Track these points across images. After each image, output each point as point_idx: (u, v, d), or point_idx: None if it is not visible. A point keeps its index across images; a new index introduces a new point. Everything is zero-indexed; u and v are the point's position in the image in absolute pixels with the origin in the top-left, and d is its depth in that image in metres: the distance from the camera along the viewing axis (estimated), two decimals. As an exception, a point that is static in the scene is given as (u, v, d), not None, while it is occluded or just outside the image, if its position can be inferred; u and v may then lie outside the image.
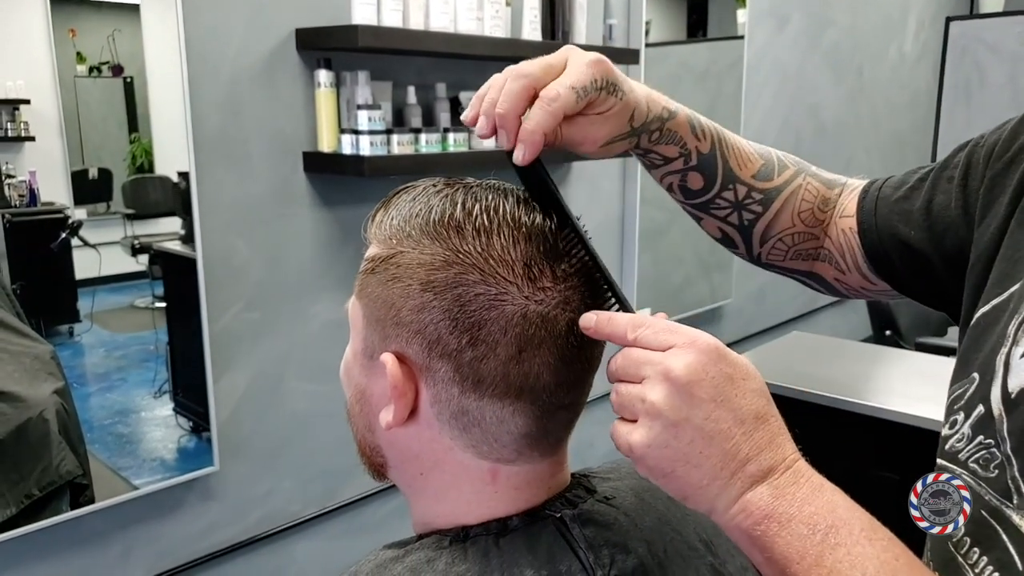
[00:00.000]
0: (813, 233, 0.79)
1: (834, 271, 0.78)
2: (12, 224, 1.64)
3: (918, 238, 0.69)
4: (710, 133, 0.77)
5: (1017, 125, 0.65)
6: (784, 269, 0.83)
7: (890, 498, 0.60)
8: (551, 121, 0.58)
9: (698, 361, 0.49)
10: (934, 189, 0.70)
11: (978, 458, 0.55)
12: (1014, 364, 0.54)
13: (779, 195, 0.78)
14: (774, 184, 0.78)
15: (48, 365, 1.72)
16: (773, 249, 0.80)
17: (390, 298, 0.56)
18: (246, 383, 2.04)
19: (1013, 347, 0.54)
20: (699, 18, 3.46)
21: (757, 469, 0.50)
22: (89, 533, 1.82)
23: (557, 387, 0.56)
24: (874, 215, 0.73)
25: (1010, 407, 0.53)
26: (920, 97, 5.29)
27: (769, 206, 0.78)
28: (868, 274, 0.75)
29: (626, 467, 0.69)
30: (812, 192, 0.79)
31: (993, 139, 0.66)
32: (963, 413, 0.58)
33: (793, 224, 0.79)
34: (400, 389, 0.55)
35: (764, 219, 0.79)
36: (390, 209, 0.60)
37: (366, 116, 1.95)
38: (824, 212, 0.79)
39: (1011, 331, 0.55)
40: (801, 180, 0.79)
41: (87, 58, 1.74)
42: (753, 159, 0.78)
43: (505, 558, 0.55)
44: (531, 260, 0.54)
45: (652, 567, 0.59)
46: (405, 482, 0.62)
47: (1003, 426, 0.54)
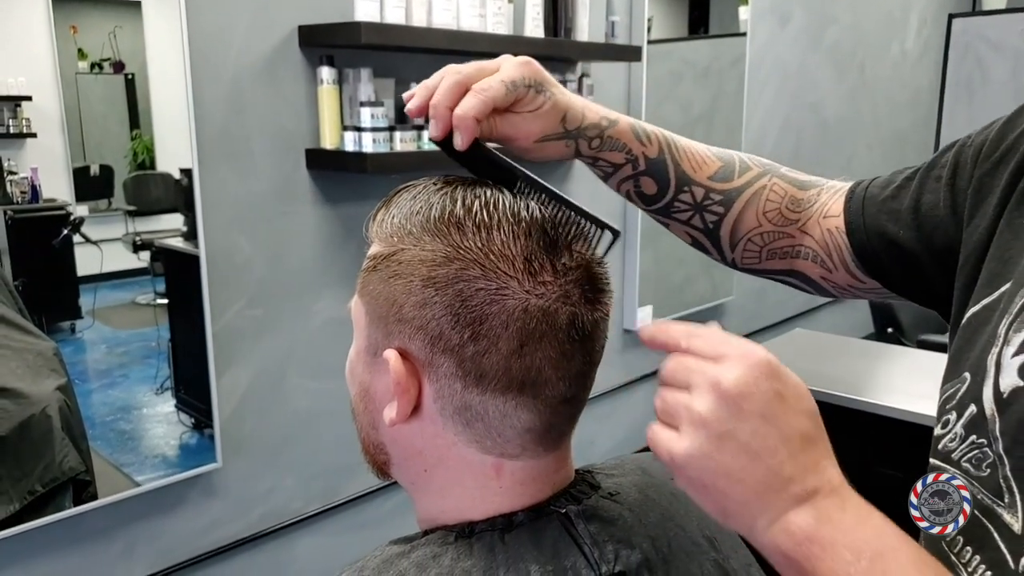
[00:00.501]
0: (785, 232, 0.79)
1: (820, 269, 0.78)
2: (14, 221, 1.65)
3: (907, 237, 0.70)
4: (657, 138, 0.78)
5: (1004, 126, 0.65)
6: (763, 271, 0.83)
7: (892, 496, 0.60)
8: (481, 107, 0.63)
9: (749, 374, 0.48)
10: (922, 188, 0.70)
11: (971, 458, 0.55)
12: (1005, 364, 0.54)
13: (740, 195, 0.79)
14: (734, 185, 0.79)
15: (51, 361, 1.73)
16: (745, 251, 0.81)
17: (392, 295, 0.56)
18: (249, 380, 2.04)
19: (1004, 347, 0.54)
20: (701, 15, 3.46)
21: (801, 490, 0.48)
22: (92, 530, 1.83)
23: (559, 381, 0.56)
24: (862, 215, 0.74)
25: (1002, 407, 0.54)
26: (922, 94, 5.29)
27: (731, 206, 0.79)
28: (856, 272, 0.75)
29: (629, 463, 0.69)
30: (778, 192, 0.79)
31: (980, 139, 0.67)
32: (955, 413, 0.58)
33: (759, 224, 0.79)
34: (403, 385, 0.56)
35: (728, 220, 0.79)
36: (391, 208, 0.60)
37: (369, 113, 1.95)
38: (795, 212, 0.79)
39: (1002, 331, 0.55)
40: (766, 180, 0.80)
41: (88, 55, 1.75)
42: (710, 161, 0.80)
43: (510, 553, 0.56)
44: (531, 255, 0.54)
45: (656, 563, 0.59)
46: (409, 479, 0.62)
47: (995, 426, 0.54)
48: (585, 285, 0.56)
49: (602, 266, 0.58)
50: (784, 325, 4.17)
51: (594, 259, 0.58)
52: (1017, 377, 0.53)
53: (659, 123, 2.82)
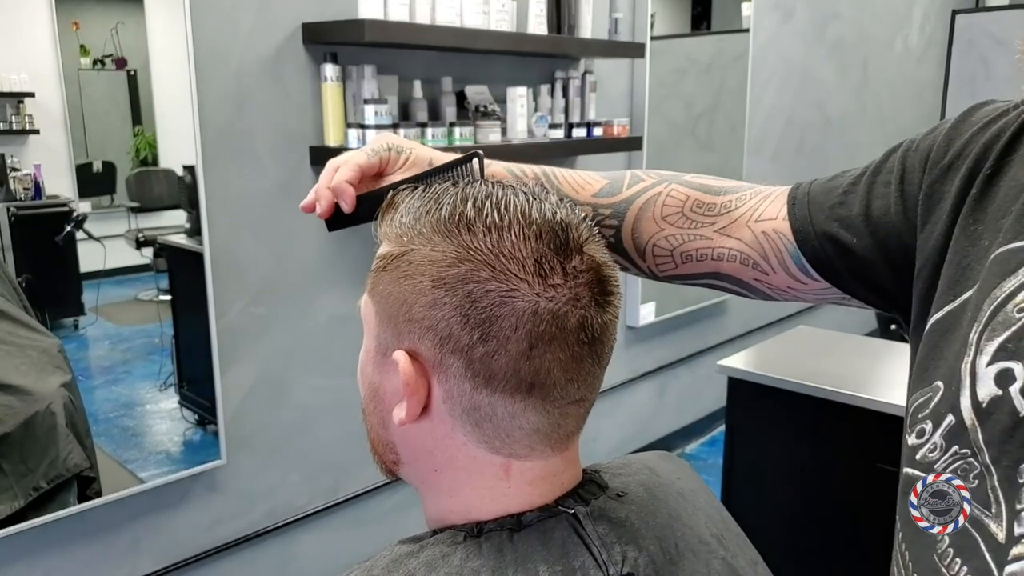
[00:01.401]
0: (696, 234, 0.78)
1: (752, 271, 0.77)
2: (17, 217, 1.65)
3: (861, 245, 0.69)
4: (534, 172, 0.82)
5: (950, 131, 0.65)
6: (685, 276, 0.81)
7: (894, 492, 0.60)
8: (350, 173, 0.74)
9: None
10: (871, 194, 0.70)
11: (956, 468, 0.55)
12: (980, 373, 0.54)
13: (631, 205, 0.80)
14: (622, 197, 0.80)
15: (55, 358, 1.73)
16: (656, 258, 0.80)
17: (402, 295, 0.56)
18: (253, 377, 2.05)
19: (978, 356, 0.54)
20: (703, 11, 3.45)
21: None
22: (97, 526, 1.84)
23: (568, 383, 0.56)
24: (810, 222, 0.73)
25: (983, 417, 0.53)
26: (925, 90, 5.28)
27: (623, 217, 0.80)
28: (797, 275, 0.74)
29: (637, 463, 0.69)
30: (677, 197, 0.79)
31: (927, 144, 0.67)
32: (931, 423, 0.58)
33: (660, 228, 0.79)
34: (412, 386, 0.56)
35: (624, 230, 0.80)
36: (400, 207, 0.60)
37: (372, 110, 1.96)
38: (704, 215, 0.78)
39: (973, 340, 0.55)
40: (661, 187, 0.80)
41: (91, 51, 1.74)
42: (594, 182, 0.82)
43: (519, 553, 0.56)
44: (542, 257, 0.54)
45: (663, 563, 0.60)
46: (419, 478, 0.62)
47: (978, 436, 0.54)
48: (595, 288, 0.56)
49: (612, 269, 0.58)
50: (787, 321, 4.17)
51: (604, 262, 0.58)
52: (994, 386, 0.53)
53: (662, 120, 2.82)
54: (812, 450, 2.16)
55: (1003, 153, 0.60)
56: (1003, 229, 0.57)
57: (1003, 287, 0.55)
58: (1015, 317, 0.53)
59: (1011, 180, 0.59)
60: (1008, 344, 0.53)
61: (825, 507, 2.16)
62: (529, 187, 0.60)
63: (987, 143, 0.62)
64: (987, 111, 0.65)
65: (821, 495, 2.16)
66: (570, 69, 2.67)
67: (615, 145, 2.75)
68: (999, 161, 0.60)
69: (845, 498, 2.10)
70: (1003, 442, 0.52)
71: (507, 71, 2.50)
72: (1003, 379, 0.53)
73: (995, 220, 0.58)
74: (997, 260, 0.56)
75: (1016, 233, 0.56)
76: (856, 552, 2.08)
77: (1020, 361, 0.52)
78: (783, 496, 2.24)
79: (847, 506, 2.10)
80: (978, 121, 0.64)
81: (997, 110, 0.64)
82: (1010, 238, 0.56)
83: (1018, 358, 0.52)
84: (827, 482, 2.14)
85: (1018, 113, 0.62)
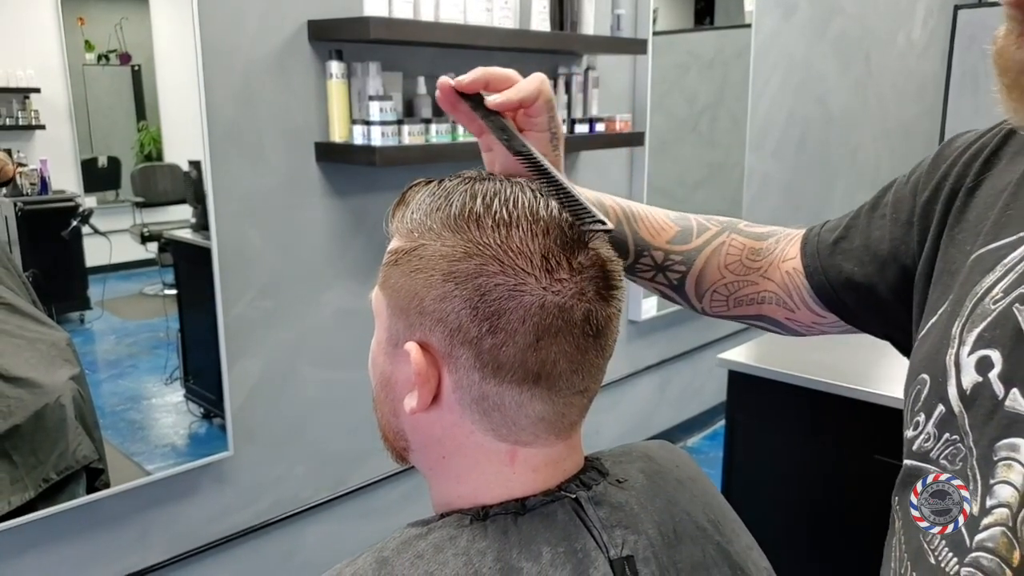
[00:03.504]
0: (748, 280, 0.85)
1: (783, 311, 0.84)
2: (24, 212, 1.66)
3: (862, 273, 0.75)
4: (615, 211, 0.86)
5: (935, 158, 0.72)
6: (733, 317, 0.88)
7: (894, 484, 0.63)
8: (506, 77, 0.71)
9: None
10: (869, 227, 0.76)
11: (946, 454, 0.58)
12: (963, 363, 0.57)
13: (700, 254, 0.86)
14: (693, 246, 0.87)
15: (64, 352, 1.75)
16: (713, 301, 0.87)
17: (413, 288, 0.58)
18: (259, 370, 2.07)
19: (960, 347, 0.58)
20: (706, 6, 3.46)
21: None
22: (107, 517, 1.86)
23: (573, 374, 0.58)
24: (817, 257, 0.79)
25: (968, 403, 0.57)
26: (928, 85, 5.28)
27: (692, 264, 0.86)
28: (816, 309, 0.81)
29: (636, 451, 0.71)
30: (737, 247, 0.86)
31: (915, 176, 0.73)
32: (924, 414, 0.61)
33: (722, 276, 0.86)
34: (424, 376, 0.58)
35: (691, 276, 0.86)
36: (411, 204, 0.62)
37: (377, 107, 1.97)
38: (756, 261, 0.85)
39: (955, 332, 0.59)
40: (724, 237, 0.87)
41: (95, 46, 1.75)
42: (667, 227, 0.88)
43: (523, 536, 0.58)
44: (549, 252, 0.56)
45: (661, 547, 0.62)
46: (427, 465, 0.64)
47: (964, 422, 0.57)
48: (599, 282, 0.58)
49: (615, 264, 0.60)
50: (788, 316, 4.17)
51: (609, 257, 0.60)
52: (976, 374, 0.57)
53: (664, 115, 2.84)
54: (812, 442, 2.18)
55: (982, 169, 0.65)
56: (983, 233, 0.61)
57: (982, 283, 0.59)
58: (991, 308, 0.57)
59: (989, 189, 0.63)
60: (985, 334, 0.57)
61: (825, 499, 2.18)
62: (536, 185, 0.62)
63: (967, 161, 0.67)
64: (967, 137, 0.70)
65: (821, 487, 2.18)
66: (573, 65, 2.69)
67: (617, 141, 2.77)
68: (979, 176, 0.65)
69: (845, 490, 2.12)
70: (984, 424, 0.55)
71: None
72: (983, 366, 0.56)
73: (975, 226, 0.63)
74: (977, 260, 0.60)
75: (995, 235, 0.60)
76: (856, 543, 2.10)
77: (997, 348, 0.56)
78: (783, 488, 2.26)
79: (847, 498, 2.12)
80: (961, 146, 0.70)
81: (976, 135, 0.69)
82: (989, 240, 0.60)
83: (995, 346, 0.56)
84: (827, 474, 2.16)
85: (994, 133, 0.67)
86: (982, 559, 0.53)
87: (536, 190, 0.60)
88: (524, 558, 0.56)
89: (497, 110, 0.70)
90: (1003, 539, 0.53)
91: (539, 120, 0.72)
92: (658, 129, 3.17)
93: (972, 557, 0.54)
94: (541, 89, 0.71)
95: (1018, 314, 0.55)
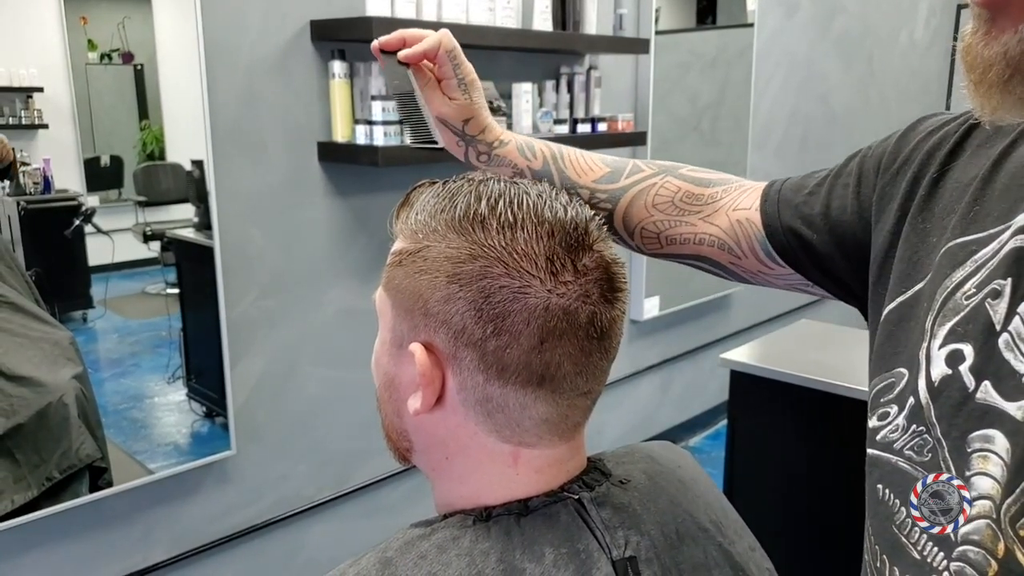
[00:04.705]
0: (683, 220, 0.88)
1: (728, 256, 0.86)
2: (27, 211, 1.66)
3: (820, 240, 0.77)
4: (543, 152, 0.91)
5: (900, 139, 0.73)
6: (669, 255, 0.91)
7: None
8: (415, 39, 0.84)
9: None
10: (830, 195, 0.78)
11: (912, 445, 0.59)
12: (934, 356, 0.59)
13: (626, 193, 0.90)
14: (619, 185, 0.90)
15: (67, 351, 1.75)
16: (644, 239, 0.90)
17: (418, 289, 0.58)
18: (262, 369, 2.07)
19: (931, 340, 0.59)
20: (708, 5, 3.45)
21: None
22: (110, 515, 1.86)
23: (576, 376, 0.58)
24: (778, 217, 0.81)
25: (935, 395, 0.58)
26: (930, 84, 5.27)
27: (617, 203, 0.90)
28: (765, 260, 0.83)
29: (639, 451, 0.71)
30: (670, 188, 0.89)
31: (879, 151, 0.75)
32: (896, 406, 0.62)
33: (650, 215, 0.89)
34: (428, 377, 0.58)
35: (617, 213, 0.90)
36: (415, 205, 0.62)
37: (380, 107, 1.97)
38: (694, 205, 0.88)
39: (928, 326, 0.60)
40: (656, 179, 0.90)
41: (98, 45, 1.75)
42: (596, 168, 0.91)
43: (526, 536, 0.58)
44: (553, 255, 0.56)
45: (664, 547, 0.62)
46: (430, 465, 0.64)
47: (931, 413, 0.58)
48: (604, 284, 0.58)
49: (620, 266, 0.60)
50: (790, 316, 4.18)
51: (613, 259, 0.60)
52: (945, 367, 0.58)
53: (666, 114, 2.84)
54: (814, 442, 2.18)
55: (947, 159, 0.67)
56: (950, 226, 0.62)
57: (953, 277, 0.60)
58: (963, 303, 0.58)
59: (955, 182, 0.64)
60: (958, 328, 0.58)
61: (826, 499, 2.18)
62: (540, 186, 0.62)
63: (930, 149, 0.68)
64: (933, 121, 0.71)
65: (822, 486, 2.18)
66: (575, 65, 2.69)
67: (619, 140, 2.77)
68: (943, 166, 0.66)
69: (845, 489, 2.12)
70: (952, 416, 0.56)
71: (512, 67, 2.51)
72: (953, 359, 0.57)
73: (941, 218, 0.64)
74: (947, 254, 0.61)
75: (963, 229, 0.61)
76: (857, 543, 2.10)
77: (969, 342, 0.57)
78: (785, 487, 2.26)
79: (848, 497, 2.12)
80: (924, 130, 0.71)
81: (941, 120, 0.71)
82: (958, 234, 0.61)
83: (967, 340, 0.57)
84: (829, 474, 2.16)
85: (959, 123, 0.68)
86: (969, 552, 0.54)
87: (540, 192, 0.60)
88: (527, 559, 0.57)
89: (406, 61, 0.85)
90: (988, 531, 0.53)
91: (445, 68, 0.86)
92: (660, 128, 3.16)
93: (960, 551, 0.54)
94: (442, 41, 0.85)
95: (990, 309, 0.56)
